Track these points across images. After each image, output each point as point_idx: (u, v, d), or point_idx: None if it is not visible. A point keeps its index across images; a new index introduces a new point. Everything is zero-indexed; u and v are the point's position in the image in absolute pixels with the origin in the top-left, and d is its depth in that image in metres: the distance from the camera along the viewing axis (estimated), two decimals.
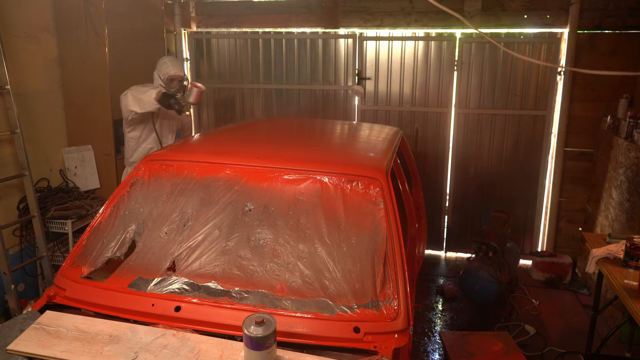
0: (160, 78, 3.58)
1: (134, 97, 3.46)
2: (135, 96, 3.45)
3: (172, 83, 3.58)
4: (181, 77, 3.63)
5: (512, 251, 4.40)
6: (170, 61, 3.61)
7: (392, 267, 1.91)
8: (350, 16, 5.01)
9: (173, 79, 3.58)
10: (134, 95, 3.46)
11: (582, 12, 4.49)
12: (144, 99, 3.41)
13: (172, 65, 3.59)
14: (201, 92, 3.54)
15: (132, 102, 3.46)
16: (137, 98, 3.44)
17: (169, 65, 3.58)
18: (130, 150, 3.75)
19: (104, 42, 3.83)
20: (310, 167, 2.24)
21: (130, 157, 3.77)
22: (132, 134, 3.71)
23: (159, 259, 2.03)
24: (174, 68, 3.58)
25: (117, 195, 2.31)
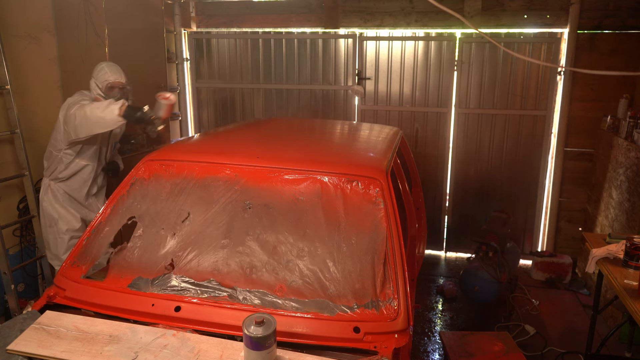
0: (98, 86, 3.17)
1: (88, 116, 2.93)
2: (92, 114, 2.92)
3: (112, 91, 3.19)
4: (122, 85, 3.22)
5: (512, 251, 4.40)
6: (108, 67, 3.22)
7: (392, 267, 1.91)
8: (350, 16, 5.01)
9: (113, 86, 3.19)
10: (89, 113, 2.93)
11: (582, 12, 4.49)
12: (105, 116, 2.90)
13: (111, 71, 3.20)
14: (172, 104, 3.12)
15: (87, 123, 2.95)
16: (95, 116, 2.92)
17: (107, 72, 3.19)
18: (62, 164, 3.26)
19: (104, 42, 3.83)
20: (310, 167, 2.24)
21: (60, 172, 3.28)
22: (69, 151, 3.24)
23: (158, 258, 2.03)
24: (113, 74, 3.20)
25: (117, 195, 2.31)
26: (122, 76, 3.23)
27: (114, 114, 2.89)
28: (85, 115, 2.94)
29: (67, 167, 3.28)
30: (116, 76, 3.20)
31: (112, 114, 2.90)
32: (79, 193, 3.38)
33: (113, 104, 2.92)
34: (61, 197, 3.33)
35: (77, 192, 3.38)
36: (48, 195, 3.33)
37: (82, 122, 2.97)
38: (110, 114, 2.90)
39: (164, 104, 3.06)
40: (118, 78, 3.21)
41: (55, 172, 3.30)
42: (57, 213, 3.32)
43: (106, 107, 2.92)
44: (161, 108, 3.07)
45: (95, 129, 2.99)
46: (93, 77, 3.21)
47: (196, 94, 5.60)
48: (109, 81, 3.18)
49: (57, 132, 3.20)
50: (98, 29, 3.81)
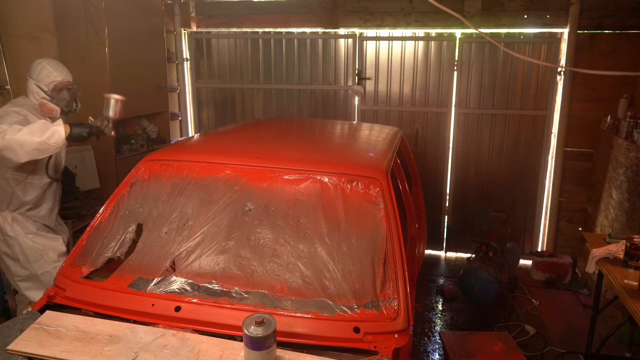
0: (42, 89, 2.69)
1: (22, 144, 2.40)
2: (26, 141, 2.40)
3: (60, 93, 2.75)
4: (70, 84, 2.78)
5: (512, 251, 4.40)
6: (50, 64, 2.73)
7: (392, 267, 1.91)
8: (350, 16, 5.01)
9: (61, 87, 2.74)
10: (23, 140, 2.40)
11: (582, 12, 4.49)
12: (47, 141, 2.43)
13: (55, 69, 2.73)
14: (122, 101, 2.71)
15: (21, 152, 2.43)
16: (32, 143, 2.41)
17: (51, 70, 2.70)
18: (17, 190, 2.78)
19: (104, 42, 3.83)
20: (310, 167, 2.24)
21: (21, 200, 2.80)
22: (16, 176, 2.75)
23: (159, 259, 2.03)
24: (60, 72, 2.73)
25: (117, 195, 2.31)
26: (69, 74, 2.80)
27: (60, 137, 2.46)
28: (17, 144, 2.40)
29: (26, 191, 2.79)
30: (64, 74, 2.76)
31: (58, 137, 2.45)
32: (50, 219, 2.99)
33: (54, 126, 2.47)
34: (32, 226, 2.89)
35: (47, 219, 2.97)
36: (18, 230, 2.83)
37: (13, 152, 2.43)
38: (54, 137, 2.45)
39: (113, 102, 2.67)
40: (66, 77, 2.77)
41: (15, 202, 2.79)
42: (38, 244, 2.88)
43: (45, 130, 2.43)
44: (110, 107, 2.68)
45: (31, 157, 2.48)
46: (32, 78, 2.70)
47: (196, 94, 5.60)
48: (56, 81, 2.72)
49: None
50: (98, 29, 3.81)
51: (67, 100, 2.78)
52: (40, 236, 2.93)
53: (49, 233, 2.99)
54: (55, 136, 2.46)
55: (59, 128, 2.47)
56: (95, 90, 3.92)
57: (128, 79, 4.02)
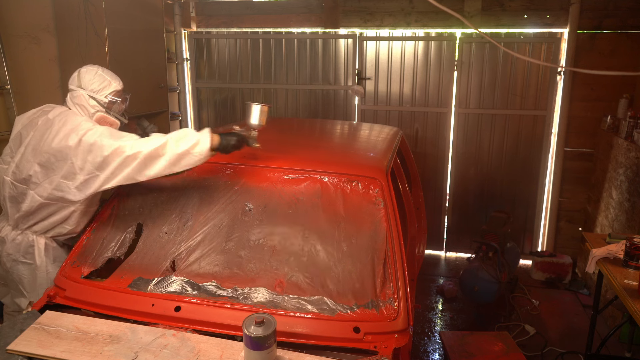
0: (98, 100, 2.35)
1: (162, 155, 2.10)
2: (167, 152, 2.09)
3: (116, 104, 2.42)
4: (125, 93, 2.49)
5: (512, 251, 4.40)
6: (106, 72, 2.41)
7: (392, 267, 1.91)
8: (350, 16, 5.01)
9: (118, 96, 2.43)
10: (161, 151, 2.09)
11: (582, 12, 4.49)
12: (192, 150, 2.09)
13: (113, 77, 2.43)
14: (268, 107, 2.39)
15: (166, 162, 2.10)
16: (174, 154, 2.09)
17: (110, 80, 2.39)
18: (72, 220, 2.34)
19: (104, 42, 3.83)
20: (310, 167, 2.24)
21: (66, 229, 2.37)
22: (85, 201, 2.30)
23: (159, 259, 2.03)
24: (119, 82, 2.44)
25: (117, 195, 2.31)
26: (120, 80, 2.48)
27: (205, 147, 2.10)
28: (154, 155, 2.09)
29: (81, 221, 2.39)
30: (120, 82, 2.45)
31: (202, 148, 2.10)
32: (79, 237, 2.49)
33: (199, 134, 2.12)
34: (64, 253, 2.48)
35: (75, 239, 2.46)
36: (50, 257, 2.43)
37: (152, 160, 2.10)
38: (199, 147, 2.10)
39: (257, 108, 2.34)
40: (122, 84, 2.46)
41: (59, 229, 2.37)
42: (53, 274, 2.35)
43: (190, 138, 2.11)
44: (253, 114, 2.34)
45: (169, 171, 2.13)
46: (87, 89, 2.35)
47: (196, 94, 5.60)
48: (117, 90, 2.42)
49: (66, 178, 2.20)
50: (98, 29, 3.81)
51: (122, 112, 2.47)
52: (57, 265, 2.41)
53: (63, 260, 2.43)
54: (200, 145, 2.10)
55: (205, 136, 2.11)
56: None
57: (128, 79, 3.97)
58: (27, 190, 2.28)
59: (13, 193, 2.33)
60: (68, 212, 2.30)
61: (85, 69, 2.40)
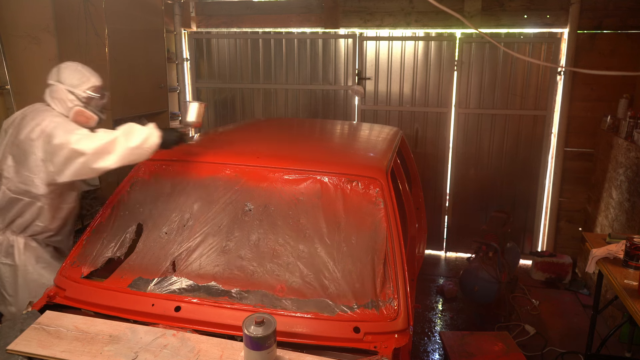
0: (76, 95, 2.38)
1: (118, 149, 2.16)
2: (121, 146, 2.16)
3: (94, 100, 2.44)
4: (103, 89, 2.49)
5: (512, 251, 4.40)
6: (85, 68, 2.44)
7: (392, 267, 1.91)
8: (350, 16, 5.01)
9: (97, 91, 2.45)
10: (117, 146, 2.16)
11: (582, 12, 4.49)
12: (144, 146, 2.18)
13: (92, 73, 2.45)
14: (205, 106, 2.53)
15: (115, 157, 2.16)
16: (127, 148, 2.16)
17: (88, 75, 2.42)
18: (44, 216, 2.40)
19: (104, 42, 3.83)
20: (310, 167, 2.24)
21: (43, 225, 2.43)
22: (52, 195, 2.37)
23: (159, 259, 2.03)
24: (97, 77, 2.46)
25: (117, 195, 2.31)
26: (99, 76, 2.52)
27: (155, 142, 2.20)
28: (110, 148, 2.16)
29: (55, 218, 2.44)
30: (99, 78, 2.48)
31: (152, 143, 2.19)
32: (67, 242, 2.65)
33: (148, 129, 2.21)
34: (46, 253, 2.51)
35: (64, 242, 2.62)
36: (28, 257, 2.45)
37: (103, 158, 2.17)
38: (149, 142, 2.19)
39: (197, 105, 2.47)
40: (101, 80, 2.49)
41: (35, 228, 2.42)
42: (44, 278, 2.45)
43: (140, 134, 2.19)
44: (192, 112, 2.47)
45: (123, 163, 2.21)
46: (62, 83, 2.38)
47: (196, 94, 5.60)
48: (96, 86, 2.43)
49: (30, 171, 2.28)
50: (98, 29, 3.81)
51: (100, 108, 2.49)
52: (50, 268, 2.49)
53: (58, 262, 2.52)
54: (151, 140, 2.19)
55: (153, 132, 2.20)
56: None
57: (128, 79, 4.02)
58: (1, 186, 2.36)
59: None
60: (37, 207, 2.37)
61: (64, 64, 2.45)
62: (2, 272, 2.46)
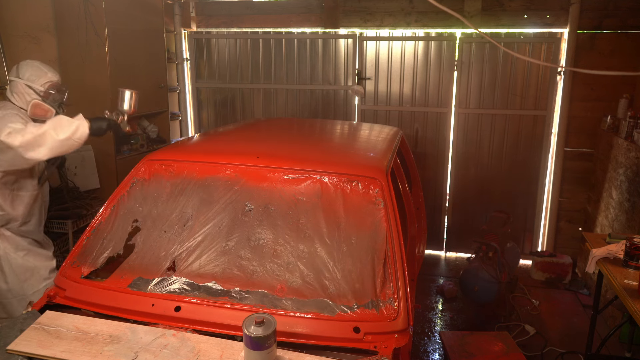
0: (33, 89, 2.58)
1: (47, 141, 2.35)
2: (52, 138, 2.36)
3: (52, 95, 2.65)
4: (61, 85, 2.71)
5: (512, 251, 4.40)
6: (42, 65, 2.66)
7: (392, 267, 1.91)
8: (350, 16, 5.01)
9: (54, 87, 2.66)
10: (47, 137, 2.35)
11: (582, 12, 4.49)
12: (73, 136, 2.37)
13: (49, 69, 2.67)
14: (136, 94, 2.66)
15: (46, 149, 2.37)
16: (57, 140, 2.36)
17: (45, 71, 2.63)
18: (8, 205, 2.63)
19: (104, 42, 3.83)
20: (310, 167, 2.24)
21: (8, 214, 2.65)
22: (4, 190, 2.59)
23: (159, 259, 2.03)
24: (55, 73, 2.68)
25: (117, 195, 2.31)
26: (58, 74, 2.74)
27: (85, 132, 2.40)
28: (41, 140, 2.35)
29: (14, 206, 2.64)
30: (57, 76, 2.70)
31: (83, 133, 2.39)
32: (38, 233, 2.85)
33: (76, 121, 2.40)
34: (23, 241, 2.75)
35: (36, 233, 2.83)
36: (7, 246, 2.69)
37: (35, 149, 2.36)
38: (79, 133, 2.38)
39: (128, 94, 2.61)
40: (58, 77, 2.71)
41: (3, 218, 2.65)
42: (30, 262, 2.74)
43: (69, 125, 2.37)
44: (125, 101, 2.62)
45: (55, 154, 2.42)
46: (22, 78, 2.58)
47: (196, 94, 5.60)
48: (52, 81, 2.64)
49: None
50: (98, 29, 3.81)
51: (59, 103, 2.67)
52: (32, 253, 2.79)
53: (39, 249, 2.85)
54: (80, 131, 2.40)
55: (82, 123, 2.41)
56: (96, 90, 3.94)
57: (128, 79, 4.02)
58: None
59: None
60: None
61: (24, 62, 2.66)
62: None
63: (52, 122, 2.40)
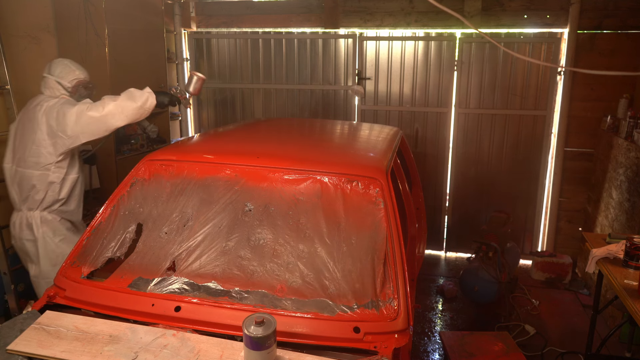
0: (62, 85, 2.84)
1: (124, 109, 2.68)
2: (127, 107, 2.68)
3: (79, 91, 2.92)
4: (89, 82, 2.98)
5: (512, 251, 4.40)
6: (72, 64, 2.91)
7: (392, 267, 1.91)
8: (350, 16, 5.01)
9: (81, 85, 2.92)
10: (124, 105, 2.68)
11: (582, 12, 4.49)
12: (143, 105, 2.70)
13: (78, 68, 2.92)
14: (203, 80, 3.00)
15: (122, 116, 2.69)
16: (132, 108, 2.69)
17: (74, 69, 2.89)
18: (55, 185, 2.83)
19: (104, 42, 3.83)
20: (310, 167, 2.24)
21: (55, 197, 2.85)
22: (61, 163, 2.82)
23: (159, 259, 2.03)
24: (82, 72, 2.93)
25: (117, 195, 2.31)
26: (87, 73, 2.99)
27: (152, 102, 2.74)
28: (119, 109, 2.67)
29: (63, 187, 2.85)
30: (85, 73, 2.95)
31: (151, 103, 2.74)
32: (77, 214, 3.01)
33: (146, 92, 2.73)
34: (61, 225, 2.92)
35: (75, 214, 2.99)
36: (45, 231, 2.86)
37: (114, 117, 2.67)
38: (149, 102, 2.73)
39: (196, 78, 2.96)
40: (87, 75, 2.96)
41: (48, 199, 2.82)
42: (61, 249, 2.88)
43: (140, 97, 2.71)
44: (192, 83, 2.97)
45: (129, 121, 2.74)
46: (54, 75, 2.84)
47: None
48: (80, 79, 2.90)
49: (37, 144, 2.73)
50: (98, 29, 3.81)
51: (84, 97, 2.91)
52: (67, 240, 2.91)
53: (74, 235, 2.96)
54: (150, 101, 2.73)
55: (151, 94, 2.73)
56: (96, 89, 3.93)
57: (128, 79, 4.00)
58: (17, 168, 2.81)
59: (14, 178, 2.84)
60: (47, 180, 2.78)
61: (56, 59, 2.93)
62: (27, 248, 2.90)
63: (126, 94, 2.72)
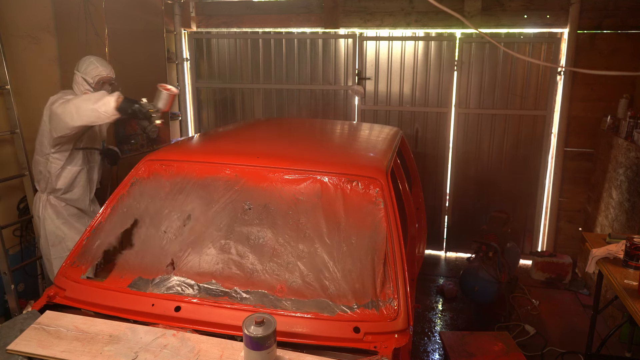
0: (87, 81, 2.98)
1: (79, 108, 2.68)
2: (83, 106, 2.68)
3: (103, 87, 3.01)
4: (112, 80, 3.06)
5: (512, 251, 4.40)
6: (98, 61, 3.03)
7: (392, 267, 1.91)
8: (350, 16, 5.01)
9: (104, 81, 3.03)
10: (80, 105, 2.68)
11: (582, 12, 4.49)
12: (98, 108, 2.63)
13: (102, 65, 3.03)
14: (173, 96, 2.82)
15: (76, 115, 2.69)
16: (88, 109, 2.66)
17: (97, 66, 3.00)
18: (53, 173, 3.02)
19: (104, 42, 3.83)
20: (310, 167, 2.24)
21: (55, 183, 3.05)
22: (57, 155, 2.99)
23: (158, 258, 2.03)
24: (105, 68, 3.02)
25: (117, 195, 2.31)
26: (112, 70, 3.08)
27: (110, 106, 2.62)
28: (75, 108, 2.68)
29: (60, 176, 3.04)
30: (108, 70, 3.04)
31: (107, 107, 2.62)
32: (83, 202, 3.21)
33: (108, 96, 2.66)
34: (65, 211, 3.15)
35: (80, 202, 3.20)
36: (48, 212, 3.13)
37: (70, 115, 2.70)
38: (105, 106, 2.63)
39: (166, 94, 2.77)
40: (110, 72, 3.05)
41: (50, 185, 3.07)
42: (61, 231, 3.14)
43: (99, 98, 2.65)
44: (161, 99, 2.78)
45: (83, 122, 2.71)
46: (79, 71, 3.00)
47: (196, 94, 5.60)
48: (102, 76, 3.00)
49: (42, 134, 2.97)
50: (98, 29, 3.81)
51: None
52: (68, 225, 3.16)
53: (77, 222, 3.19)
54: (106, 105, 2.64)
55: (110, 98, 2.65)
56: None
57: (128, 79, 4.00)
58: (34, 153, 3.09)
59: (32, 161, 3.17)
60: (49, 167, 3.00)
61: (84, 57, 3.08)
62: (35, 224, 3.23)
63: (89, 94, 2.81)
